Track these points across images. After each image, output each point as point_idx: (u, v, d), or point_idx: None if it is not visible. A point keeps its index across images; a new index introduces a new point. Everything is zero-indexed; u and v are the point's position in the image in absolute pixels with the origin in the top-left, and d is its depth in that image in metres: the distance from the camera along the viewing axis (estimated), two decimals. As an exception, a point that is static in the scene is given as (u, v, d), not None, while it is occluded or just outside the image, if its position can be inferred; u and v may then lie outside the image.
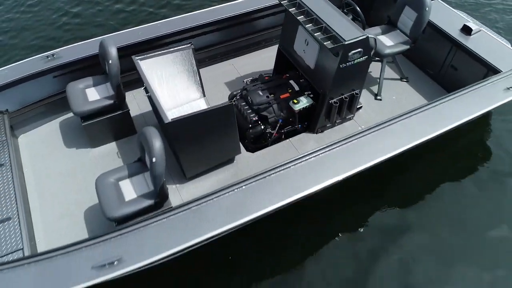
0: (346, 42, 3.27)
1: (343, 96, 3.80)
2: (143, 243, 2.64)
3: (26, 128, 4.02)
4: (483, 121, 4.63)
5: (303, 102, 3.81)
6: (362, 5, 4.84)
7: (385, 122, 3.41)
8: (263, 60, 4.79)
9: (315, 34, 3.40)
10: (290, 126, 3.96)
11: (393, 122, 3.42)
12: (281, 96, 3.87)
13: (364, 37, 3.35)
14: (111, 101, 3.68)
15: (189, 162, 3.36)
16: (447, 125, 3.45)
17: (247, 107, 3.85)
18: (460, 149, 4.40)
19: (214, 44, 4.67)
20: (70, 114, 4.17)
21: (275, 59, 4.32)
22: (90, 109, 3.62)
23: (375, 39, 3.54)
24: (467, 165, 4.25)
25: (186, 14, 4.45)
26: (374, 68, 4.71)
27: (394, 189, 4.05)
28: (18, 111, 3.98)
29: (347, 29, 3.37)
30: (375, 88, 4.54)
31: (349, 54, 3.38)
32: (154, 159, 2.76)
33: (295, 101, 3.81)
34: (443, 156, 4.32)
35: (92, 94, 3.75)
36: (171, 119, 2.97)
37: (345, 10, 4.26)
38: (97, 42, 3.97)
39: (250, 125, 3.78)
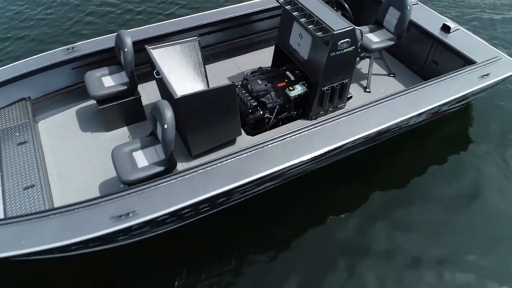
0: (335, 32, 3.70)
1: (334, 85, 4.20)
2: (154, 199, 2.98)
3: (45, 114, 4.40)
4: (465, 112, 5.02)
5: (298, 90, 4.22)
6: (352, 9, 5.32)
7: (369, 104, 3.80)
8: (263, 58, 5.22)
9: (308, 27, 3.84)
10: (286, 113, 4.35)
11: (378, 103, 3.82)
12: (278, 85, 4.28)
13: (351, 28, 3.79)
14: (125, 87, 4.08)
15: (195, 139, 3.72)
16: (429, 105, 3.84)
17: (247, 94, 4.25)
18: (444, 137, 4.77)
19: (218, 43, 5.12)
20: (86, 103, 4.56)
21: (273, 54, 4.76)
22: (105, 94, 4.02)
23: (360, 31, 3.98)
24: (450, 151, 4.61)
25: (193, 15, 4.92)
26: (364, 65, 5.15)
27: (385, 171, 4.40)
28: (39, 98, 4.39)
29: (336, 22, 3.81)
30: (364, 82, 4.95)
31: (338, 43, 3.81)
32: (165, 126, 3.14)
33: (291, 88, 4.21)
34: (428, 142, 4.69)
35: (108, 81, 4.16)
36: (180, 96, 3.36)
37: (334, 8, 4.71)
38: (112, 38, 4.41)
39: (250, 110, 4.16)
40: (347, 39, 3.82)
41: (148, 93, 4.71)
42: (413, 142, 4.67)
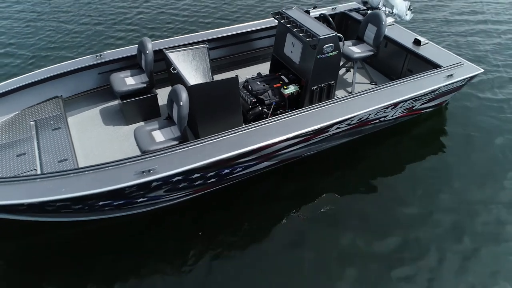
0: (321, 37, 4.50)
1: (322, 85, 4.94)
2: (171, 161, 3.60)
3: (74, 111, 5.10)
4: (439, 112, 5.73)
5: (291, 89, 4.95)
6: (338, 28, 6.22)
7: (352, 95, 4.52)
8: (261, 70, 6.02)
9: (299, 35, 4.65)
10: (282, 109, 5.05)
11: (358, 95, 4.54)
12: (274, 85, 5.02)
13: (334, 34, 4.59)
14: (144, 85, 4.82)
15: (203, 123, 4.36)
16: (402, 96, 4.56)
17: (247, 93, 4.97)
18: (422, 132, 5.42)
19: (223, 56, 5.94)
20: (109, 103, 5.26)
21: (270, 63, 5.55)
22: (127, 90, 4.75)
23: (342, 38, 4.78)
24: (427, 144, 5.25)
25: (202, 32, 5.78)
26: (349, 75, 5.94)
27: (367, 162, 5.01)
28: (69, 97, 5.11)
29: (321, 30, 4.63)
30: (349, 89, 5.70)
31: (324, 47, 4.60)
32: (181, 103, 3.82)
33: (285, 87, 4.95)
34: (407, 137, 5.34)
35: (130, 81, 4.91)
36: (192, 84, 4.08)
37: (320, 22, 5.57)
38: (132, 48, 5.23)
39: (250, 106, 4.87)
40: (331, 44, 4.61)
41: (162, 96, 5.44)
42: (393, 138, 5.31)
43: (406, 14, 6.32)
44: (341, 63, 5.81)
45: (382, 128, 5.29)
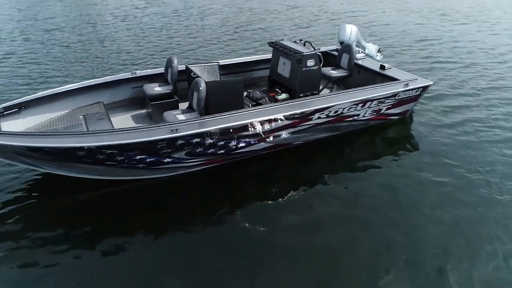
0: (304, 53, 6.03)
1: (307, 93, 6.34)
2: (191, 127, 4.84)
3: (111, 115, 6.42)
4: (405, 120, 7.04)
5: (283, 96, 6.34)
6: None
7: (328, 94, 5.89)
8: None
9: (289, 53, 6.19)
10: (276, 113, 6.38)
11: (334, 94, 5.91)
12: (270, 94, 6.44)
13: (314, 52, 6.13)
14: (169, 91, 6.22)
15: (215, 113, 5.66)
16: (368, 95, 5.94)
17: (250, 100, 6.36)
18: (389, 136, 6.68)
19: None
20: (139, 111, 6.59)
21: (267, 81, 7.02)
22: (156, 94, 6.14)
23: (320, 55, 6.29)
24: (393, 145, 6.48)
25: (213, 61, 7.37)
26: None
27: (344, 155, 6.20)
28: (108, 104, 6.48)
29: (305, 50, 6.18)
30: (331, 103, 7.11)
31: (307, 61, 6.10)
32: (200, 89, 5.17)
33: (278, 94, 6.36)
34: (376, 140, 6.58)
35: (158, 89, 6.32)
36: (208, 81, 5.46)
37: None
38: (158, 70, 6.74)
39: (251, 109, 6.22)
40: (312, 59, 6.12)
41: (182, 106, 6.81)
42: (366, 138, 6.56)
43: (377, 55, 8.03)
44: (323, 85, 7.27)
45: (358, 128, 6.57)
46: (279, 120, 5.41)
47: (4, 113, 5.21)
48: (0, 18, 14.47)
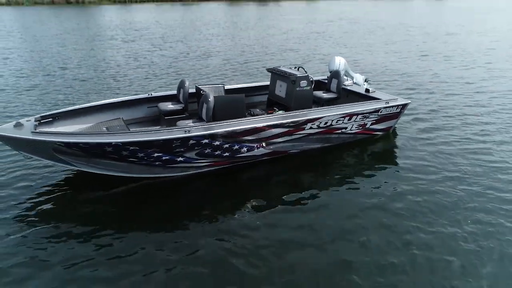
0: (298, 75, 7.05)
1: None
2: (202, 129, 5.69)
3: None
4: (388, 136, 7.91)
5: (280, 112, 7.28)
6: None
7: (318, 108, 6.82)
8: None
9: (285, 76, 7.21)
10: (274, 127, 7.29)
11: (324, 108, 6.84)
12: (269, 111, 7.38)
13: (306, 75, 7.15)
14: (181, 108, 7.15)
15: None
16: (353, 109, 6.86)
17: (250, 117, 7.27)
18: (374, 150, 7.52)
19: None
20: (153, 128, 7.49)
21: (266, 102, 7.99)
22: (169, 110, 7.06)
23: (312, 77, 7.30)
24: (377, 157, 7.31)
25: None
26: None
27: (333, 164, 7.00)
28: (126, 120, 7.38)
29: (299, 73, 7.21)
30: (323, 122, 8.03)
31: (300, 82, 7.10)
32: (209, 100, 6.08)
33: (276, 110, 7.29)
34: (363, 152, 7.41)
35: (171, 106, 7.26)
36: (215, 95, 6.40)
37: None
38: (171, 92, 7.72)
39: (252, 123, 7.12)
40: (305, 81, 7.13)
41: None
42: (353, 151, 7.39)
43: (364, 84, 9.09)
44: (315, 106, 8.24)
45: (347, 141, 7.42)
46: (276, 128, 6.28)
47: (41, 121, 6.09)
48: (23, 58, 15.86)
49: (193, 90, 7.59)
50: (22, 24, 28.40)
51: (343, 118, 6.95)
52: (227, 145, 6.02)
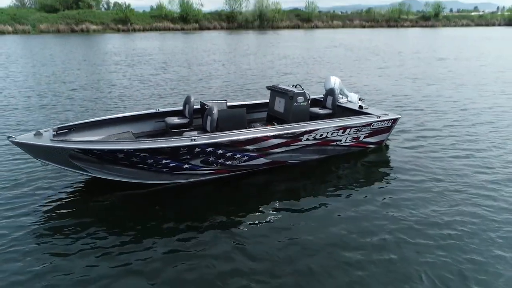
0: (295, 91, 7.61)
1: (298, 124, 7.79)
2: (206, 138, 6.17)
3: None
4: (381, 149, 8.39)
5: (279, 126, 7.79)
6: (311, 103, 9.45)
7: (314, 121, 7.33)
8: None
9: (283, 93, 7.77)
10: (273, 140, 7.77)
11: (320, 121, 7.35)
12: (268, 125, 7.88)
13: (303, 91, 7.71)
14: (186, 122, 7.66)
15: None
16: (347, 123, 7.36)
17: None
18: (367, 162, 7.98)
19: None
20: (159, 139, 7.97)
21: (266, 117, 8.51)
22: (175, 124, 7.57)
23: (309, 94, 7.85)
24: (370, 169, 7.76)
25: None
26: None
27: (326, 179, 7.42)
28: (134, 133, 7.88)
29: (296, 90, 7.78)
30: (319, 136, 8.53)
31: (297, 98, 7.65)
32: (213, 112, 6.59)
33: (275, 124, 7.80)
34: (357, 164, 7.87)
35: (177, 121, 7.77)
36: (218, 110, 6.92)
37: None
38: (176, 108, 8.25)
39: (253, 136, 7.62)
40: (301, 97, 7.69)
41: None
42: (347, 162, 7.84)
43: (358, 102, 9.66)
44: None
45: (342, 153, 7.88)
46: (275, 138, 6.76)
47: (58, 132, 6.57)
48: (33, 81, 16.55)
49: (198, 106, 8.12)
50: (29, 51, 29.47)
51: (337, 131, 7.45)
52: (229, 154, 6.48)
